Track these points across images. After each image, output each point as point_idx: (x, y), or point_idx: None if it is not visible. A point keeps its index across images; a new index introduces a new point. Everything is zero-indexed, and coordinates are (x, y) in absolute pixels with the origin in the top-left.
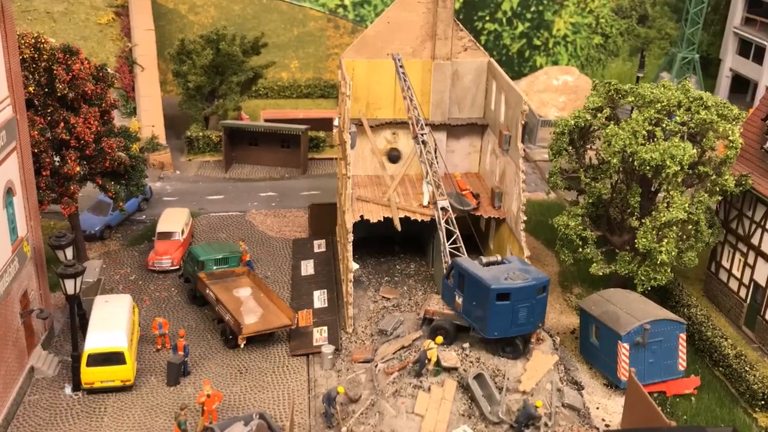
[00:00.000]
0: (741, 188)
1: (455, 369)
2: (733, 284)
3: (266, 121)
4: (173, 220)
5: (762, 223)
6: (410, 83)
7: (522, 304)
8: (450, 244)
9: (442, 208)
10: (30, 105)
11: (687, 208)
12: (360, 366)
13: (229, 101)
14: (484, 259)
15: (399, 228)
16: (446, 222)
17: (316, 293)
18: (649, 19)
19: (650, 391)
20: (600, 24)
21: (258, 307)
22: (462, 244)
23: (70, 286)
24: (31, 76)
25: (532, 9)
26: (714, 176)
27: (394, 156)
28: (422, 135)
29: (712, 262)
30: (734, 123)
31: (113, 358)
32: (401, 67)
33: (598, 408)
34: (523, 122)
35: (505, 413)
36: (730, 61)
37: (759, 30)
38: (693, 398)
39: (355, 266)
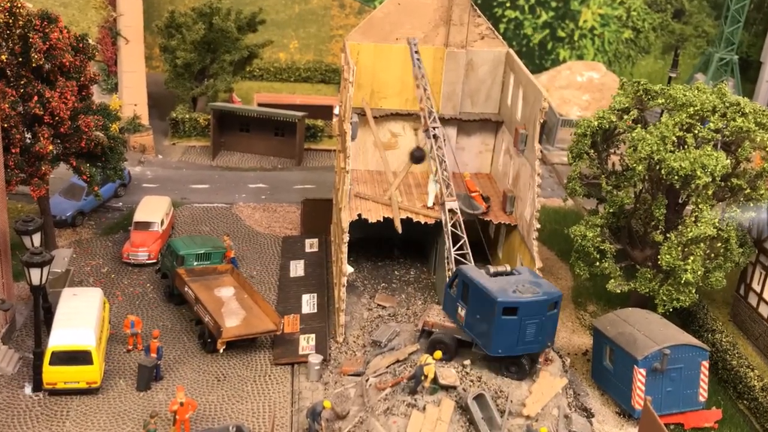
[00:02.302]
0: None
1: (454, 388)
2: (764, 310)
3: (260, 105)
4: (152, 209)
5: None
6: (425, 71)
7: (530, 320)
8: (456, 250)
9: (450, 210)
10: (1, 75)
11: (717, 224)
12: (349, 379)
13: (221, 82)
14: (492, 269)
15: (400, 230)
16: (453, 225)
17: (305, 297)
18: (686, 15)
19: (666, 422)
20: (631, 17)
21: (241, 309)
22: (469, 250)
23: (35, 275)
24: (4, 44)
25: None
26: (748, 190)
27: (418, 156)
28: (434, 129)
29: (741, 285)
30: None
31: (79, 358)
32: (416, 53)
33: None
34: (541, 121)
35: None
36: None
37: None
38: None
39: (349, 269)
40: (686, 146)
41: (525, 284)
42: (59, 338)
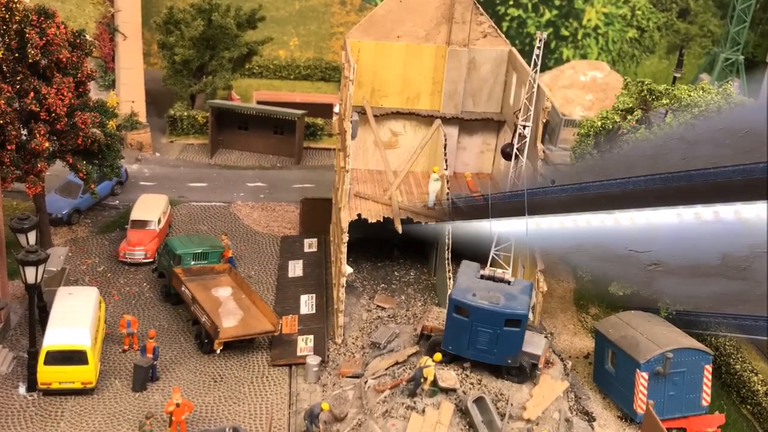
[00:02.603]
0: None
1: (454, 390)
2: None
3: (259, 103)
4: (149, 208)
5: None
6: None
7: (483, 327)
8: (497, 250)
9: None
10: None
11: None
12: (348, 381)
13: (219, 79)
14: (487, 272)
15: (400, 230)
16: None
17: (304, 298)
18: (691, 14)
19: (669, 427)
20: (636, 16)
21: (238, 309)
22: (512, 253)
23: (30, 274)
24: (0, 39)
25: None
26: None
27: (508, 152)
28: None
29: None
30: None
31: (74, 357)
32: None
33: None
34: (544, 121)
35: None
36: None
37: None
38: None
39: (348, 270)
40: None
41: (495, 293)
42: (54, 338)
